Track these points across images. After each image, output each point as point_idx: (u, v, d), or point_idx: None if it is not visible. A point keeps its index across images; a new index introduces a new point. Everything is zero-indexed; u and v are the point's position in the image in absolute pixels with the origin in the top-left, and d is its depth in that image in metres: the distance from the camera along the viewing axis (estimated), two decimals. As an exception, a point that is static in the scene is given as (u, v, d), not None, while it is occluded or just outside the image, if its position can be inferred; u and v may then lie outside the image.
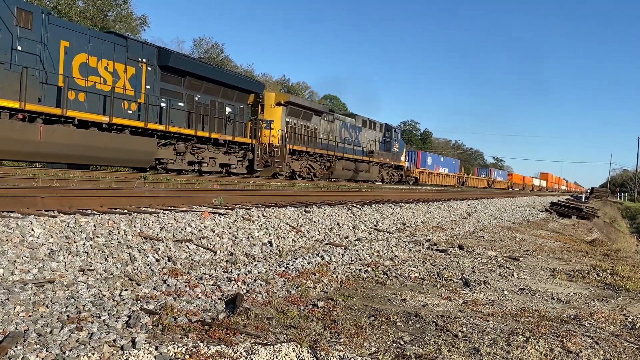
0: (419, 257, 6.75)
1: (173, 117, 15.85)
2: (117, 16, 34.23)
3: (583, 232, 17.63)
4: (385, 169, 32.97)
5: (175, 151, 16.23)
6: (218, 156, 17.93)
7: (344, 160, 27.02)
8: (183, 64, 16.33)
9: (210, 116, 17.61)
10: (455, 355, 3.12)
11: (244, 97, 19.63)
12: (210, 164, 17.70)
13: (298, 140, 23.33)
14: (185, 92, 16.69)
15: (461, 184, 55.10)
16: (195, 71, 16.79)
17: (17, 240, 4.52)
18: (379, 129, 32.16)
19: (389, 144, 33.35)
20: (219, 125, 18.06)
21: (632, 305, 4.98)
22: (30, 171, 11.17)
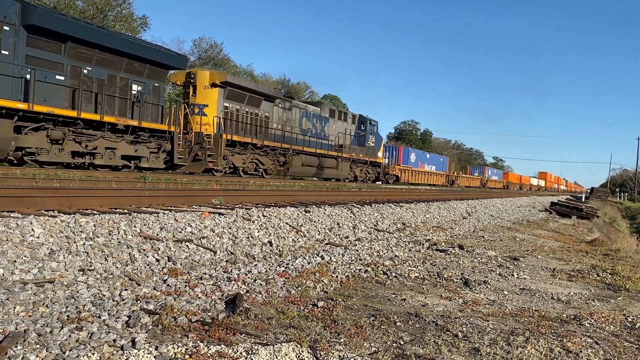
0: (419, 257, 6.75)
1: (47, 94, 12.32)
2: (117, 16, 34.23)
3: (583, 232, 17.64)
4: (358, 165, 29.61)
5: (49, 138, 12.61)
6: (119, 146, 14.34)
7: (305, 155, 23.34)
8: (60, 25, 12.58)
9: (105, 94, 13.82)
10: (455, 355, 3.12)
11: (160, 73, 15.96)
12: (106, 156, 14.06)
13: (242, 129, 19.62)
14: (68, 63, 13.01)
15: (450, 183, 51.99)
16: (82, 36, 13.08)
17: (17, 240, 4.52)
18: (350, 121, 28.45)
19: (363, 138, 29.67)
20: (121, 107, 14.47)
21: (632, 305, 4.98)
22: (30, 171, 11.16)
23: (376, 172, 32.48)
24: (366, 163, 30.63)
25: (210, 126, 18.01)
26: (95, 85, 13.80)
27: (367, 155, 30.22)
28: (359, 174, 29.92)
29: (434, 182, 46.67)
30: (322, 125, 25.66)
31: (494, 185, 66.78)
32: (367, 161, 30.50)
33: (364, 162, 30.25)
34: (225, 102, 18.83)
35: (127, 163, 14.97)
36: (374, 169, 31.95)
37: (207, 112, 18.14)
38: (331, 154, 25.97)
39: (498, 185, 68.99)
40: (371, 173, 31.71)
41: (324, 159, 25.06)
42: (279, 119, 22.18)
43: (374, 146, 31.30)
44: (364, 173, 30.76)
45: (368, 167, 31.06)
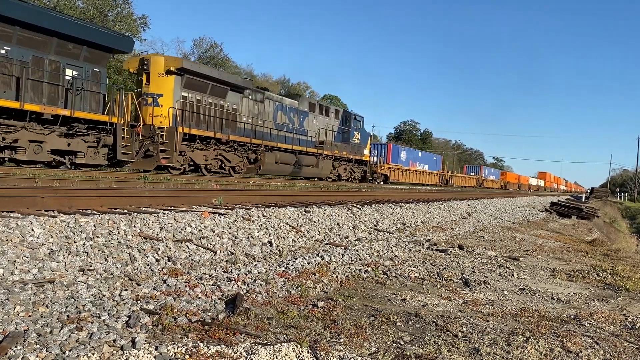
0: (419, 257, 6.75)
1: None
2: (117, 16, 34.24)
3: (583, 232, 17.64)
4: (342, 163, 27.27)
5: None
6: (48, 139, 12.62)
7: (280, 152, 21.27)
8: None
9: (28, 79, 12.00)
10: (455, 355, 3.12)
11: (101, 56, 14.11)
12: (31, 150, 12.30)
13: (204, 122, 17.51)
14: None
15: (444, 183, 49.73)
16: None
17: (17, 240, 4.52)
18: (333, 116, 26.32)
19: (347, 134, 27.38)
20: (51, 94, 12.66)
21: (632, 305, 4.98)
22: (30, 171, 11.16)
23: (362, 171, 30.19)
24: (351, 161, 28.29)
25: (165, 118, 16.11)
26: (16, 68, 11.93)
27: (352, 152, 27.91)
28: (343, 172, 27.68)
29: (426, 181, 44.57)
30: (300, 119, 23.40)
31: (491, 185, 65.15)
32: (351, 159, 28.13)
33: (348, 160, 27.90)
34: (184, 91, 16.86)
35: (60, 159, 13.24)
36: (359, 168, 29.79)
37: (162, 102, 16.14)
38: (310, 150, 23.71)
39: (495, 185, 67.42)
40: (357, 172, 29.46)
41: (302, 157, 22.98)
42: (250, 111, 19.99)
43: (359, 143, 29.04)
44: (349, 172, 28.50)
45: (353, 165, 28.83)
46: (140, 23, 36.99)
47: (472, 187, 55.10)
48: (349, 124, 27.81)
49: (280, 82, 67.33)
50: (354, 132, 28.34)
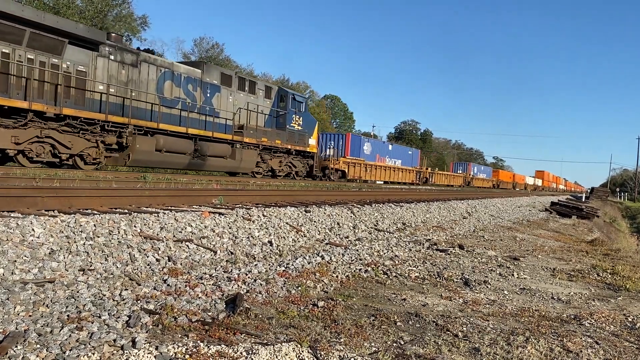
0: (419, 256, 6.75)
1: None
2: (116, 16, 34.24)
3: (583, 231, 17.64)
4: (275, 155, 21.90)
5: None
6: None
7: (165, 137, 15.89)
8: None
9: None
10: (455, 355, 3.12)
11: None
12: None
13: (17, 88, 12.28)
14: None
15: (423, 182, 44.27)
16: None
17: (18, 240, 4.53)
18: (262, 94, 20.88)
19: (283, 119, 21.96)
20: None
21: (632, 305, 4.98)
22: (30, 171, 11.17)
23: (306, 165, 24.51)
24: (289, 153, 22.75)
25: None
26: None
27: (289, 141, 22.33)
28: (278, 167, 22.22)
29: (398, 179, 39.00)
30: (206, 95, 17.98)
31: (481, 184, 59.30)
32: (289, 150, 22.50)
33: (285, 152, 22.41)
34: None
35: None
36: (303, 161, 24.20)
37: None
38: (222, 137, 18.25)
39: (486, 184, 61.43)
40: (299, 166, 23.83)
41: (207, 144, 17.60)
42: (111, 77, 14.69)
43: (301, 130, 23.38)
44: (287, 166, 22.96)
45: (293, 158, 23.27)
46: (140, 23, 37.01)
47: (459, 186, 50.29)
48: (283, 105, 22.18)
49: (280, 82, 67.34)
50: (292, 116, 22.52)
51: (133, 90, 15.24)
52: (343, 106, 79.58)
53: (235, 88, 19.55)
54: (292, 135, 22.73)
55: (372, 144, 36.51)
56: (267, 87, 21.81)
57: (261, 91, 21.09)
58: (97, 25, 30.33)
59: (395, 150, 41.16)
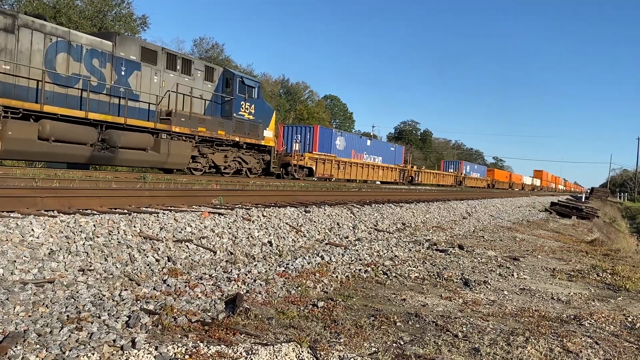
0: (419, 257, 6.75)
1: None
2: (116, 16, 34.23)
3: (583, 232, 17.64)
4: (218, 149, 18.39)
5: None
6: None
7: (54, 122, 12.74)
8: None
9: None
10: (455, 355, 3.12)
11: None
12: None
13: None
14: None
15: (409, 181, 40.67)
16: None
17: (17, 240, 4.52)
18: (201, 76, 17.59)
19: (229, 106, 18.60)
20: None
21: (632, 305, 4.98)
22: (30, 171, 11.16)
23: (261, 161, 21.05)
24: (238, 146, 19.27)
25: None
26: None
27: (238, 133, 18.90)
28: (222, 162, 18.76)
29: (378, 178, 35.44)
30: (119, 73, 14.68)
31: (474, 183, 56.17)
32: (238, 142, 19.02)
33: (232, 144, 18.92)
34: None
35: None
36: (257, 156, 20.71)
37: None
38: (139, 124, 14.97)
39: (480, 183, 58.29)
40: (251, 162, 20.31)
41: (117, 133, 14.26)
42: None
43: (253, 120, 19.82)
44: (235, 162, 19.49)
45: (243, 152, 19.78)
46: (140, 23, 36.99)
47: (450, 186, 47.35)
48: (229, 89, 18.74)
49: (280, 82, 67.36)
50: (240, 103, 19.07)
51: (6, 62, 11.92)
52: (343, 106, 79.57)
53: (162, 66, 16.11)
54: (240, 125, 19.15)
55: (346, 138, 33.03)
56: (208, 67, 18.10)
57: (199, 72, 17.58)
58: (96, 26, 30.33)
59: (375, 146, 37.04)
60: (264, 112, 20.82)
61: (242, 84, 19.26)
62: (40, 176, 9.56)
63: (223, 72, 18.95)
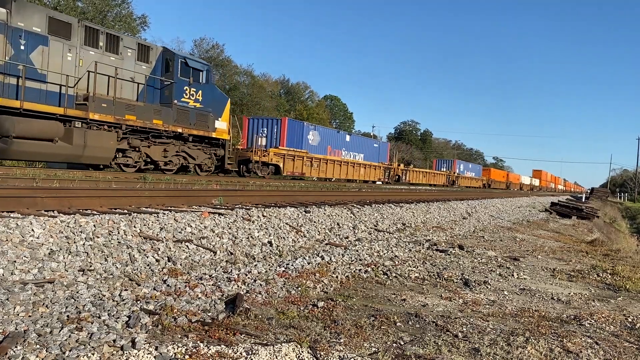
0: (419, 257, 6.74)
1: None
2: (116, 16, 34.25)
3: (583, 232, 17.63)
4: (154, 142, 15.90)
5: None
6: None
7: None
8: None
9: None
10: (455, 355, 3.12)
11: None
12: None
13: None
14: None
15: (395, 180, 38.07)
16: None
17: (17, 240, 4.52)
18: (133, 56, 15.24)
19: (169, 91, 16.16)
20: None
21: (632, 305, 4.98)
22: (30, 171, 11.16)
23: (213, 156, 18.52)
24: (182, 138, 16.86)
25: None
26: None
27: (181, 123, 16.44)
28: (160, 157, 16.22)
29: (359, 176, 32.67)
30: (17, 47, 12.26)
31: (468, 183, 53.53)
32: (181, 134, 16.57)
33: (174, 136, 16.49)
34: None
35: None
36: (208, 151, 18.19)
37: None
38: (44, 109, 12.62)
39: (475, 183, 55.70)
40: (201, 157, 17.84)
41: (12, 120, 11.87)
42: None
43: (200, 109, 17.29)
44: (178, 157, 17.01)
45: (190, 146, 17.31)
46: (140, 23, 36.99)
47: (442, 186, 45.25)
48: (170, 73, 16.22)
49: (280, 82, 67.35)
50: (183, 89, 16.55)
51: None
52: (343, 106, 79.57)
53: (79, 42, 13.64)
54: (183, 114, 16.57)
55: (320, 132, 29.46)
56: (142, 46, 15.68)
57: (130, 51, 15.13)
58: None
59: (356, 142, 33.89)
60: (215, 99, 18.14)
61: (186, 66, 16.64)
62: (40, 176, 9.56)
63: (162, 52, 16.35)
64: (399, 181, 39.08)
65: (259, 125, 26.19)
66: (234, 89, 49.13)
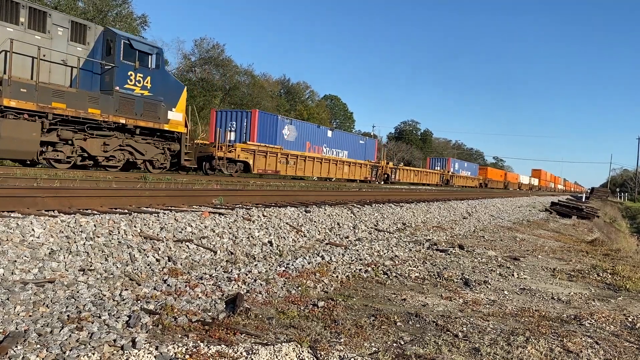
0: (419, 257, 6.74)
1: None
2: (117, 16, 34.26)
3: (583, 232, 17.63)
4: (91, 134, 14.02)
5: None
6: None
7: None
8: None
9: None
10: (455, 355, 3.12)
11: None
12: None
13: None
14: None
15: (384, 180, 36.23)
16: None
17: (18, 240, 4.52)
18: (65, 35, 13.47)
19: (110, 76, 14.34)
20: None
21: (632, 305, 4.98)
22: (30, 171, 11.17)
23: (168, 152, 16.52)
24: (128, 130, 15.04)
25: None
26: None
27: (124, 113, 14.61)
28: (99, 151, 14.37)
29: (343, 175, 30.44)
30: None
31: (463, 182, 52.07)
32: (125, 126, 14.72)
33: (116, 128, 14.66)
34: None
35: None
36: (160, 145, 16.25)
37: None
38: None
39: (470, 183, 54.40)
40: (151, 153, 15.92)
41: None
42: None
43: (149, 97, 15.35)
44: (123, 152, 15.17)
45: (138, 139, 15.43)
46: (140, 23, 37.00)
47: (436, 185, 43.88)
48: (112, 55, 14.32)
49: (280, 82, 67.33)
50: (128, 74, 14.66)
51: None
52: (343, 106, 79.58)
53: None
54: (127, 103, 14.63)
55: (297, 127, 27.09)
56: (76, 24, 13.79)
57: (62, 29, 13.30)
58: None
59: (338, 138, 31.59)
60: (169, 87, 16.14)
61: (130, 49, 14.67)
62: (41, 176, 9.56)
63: (103, 32, 14.40)
64: (388, 180, 37.21)
65: (228, 118, 24.23)
66: (234, 89, 49.15)
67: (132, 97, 14.90)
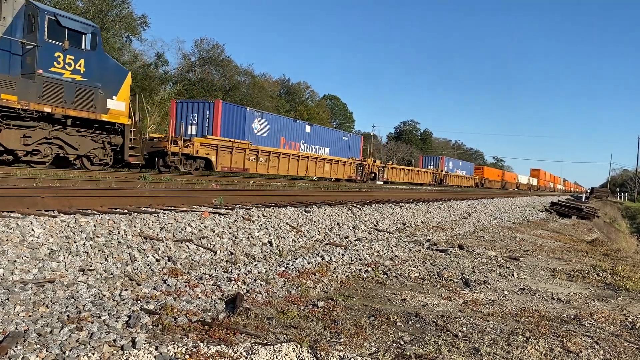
0: (419, 257, 6.75)
1: None
2: (116, 16, 34.26)
3: (583, 232, 17.64)
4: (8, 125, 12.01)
5: None
6: None
7: None
8: None
9: None
10: (455, 355, 3.12)
11: None
12: None
13: None
14: None
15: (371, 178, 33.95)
16: None
17: (17, 240, 4.52)
18: None
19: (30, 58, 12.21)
20: None
21: (632, 305, 4.98)
22: (30, 171, 11.17)
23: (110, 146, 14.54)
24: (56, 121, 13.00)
25: None
26: None
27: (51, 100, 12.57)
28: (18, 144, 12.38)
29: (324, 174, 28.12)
30: None
31: (458, 182, 50.08)
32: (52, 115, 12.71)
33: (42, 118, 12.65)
34: None
35: None
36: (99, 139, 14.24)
37: None
38: None
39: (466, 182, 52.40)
40: (86, 147, 13.88)
41: None
42: None
43: (82, 82, 13.27)
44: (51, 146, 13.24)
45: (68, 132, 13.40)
46: (140, 23, 37.00)
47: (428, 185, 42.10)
48: (35, 35, 12.24)
49: (280, 82, 67.33)
50: (54, 55, 12.57)
51: None
52: (343, 106, 79.59)
53: None
54: (54, 88, 12.58)
55: (270, 121, 24.61)
56: None
57: None
58: (96, 25, 30.34)
59: (318, 134, 28.86)
60: (108, 72, 13.89)
61: (58, 26, 12.43)
62: (41, 176, 9.56)
63: (24, 6, 12.20)
64: (374, 179, 34.72)
65: (189, 110, 21.89)
66: (234, 88, 49.15)
67: (60, 82, 12.71)
